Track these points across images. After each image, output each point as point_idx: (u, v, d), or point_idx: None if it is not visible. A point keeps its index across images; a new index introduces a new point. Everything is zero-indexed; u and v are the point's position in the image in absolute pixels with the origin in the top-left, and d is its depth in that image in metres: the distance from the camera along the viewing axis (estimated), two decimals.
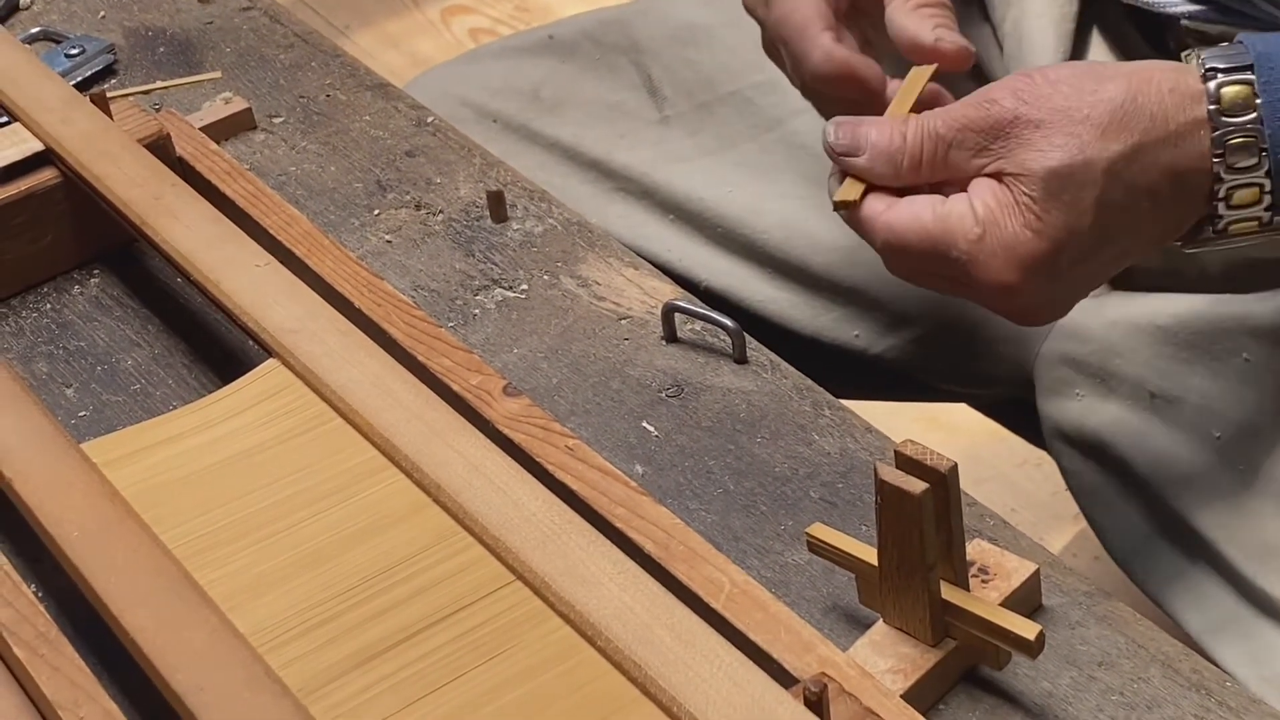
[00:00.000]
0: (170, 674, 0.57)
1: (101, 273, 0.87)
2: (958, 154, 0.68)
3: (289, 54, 1.00)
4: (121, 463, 0.68)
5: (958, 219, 0.67)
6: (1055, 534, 1.54)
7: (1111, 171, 0.65)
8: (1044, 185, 0.66)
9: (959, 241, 0.67)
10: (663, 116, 0.99)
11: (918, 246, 0.68)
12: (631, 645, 0.58)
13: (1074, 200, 0.66)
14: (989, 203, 0.67)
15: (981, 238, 0.67)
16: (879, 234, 0.69)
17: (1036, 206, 0.66)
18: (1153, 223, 0.68)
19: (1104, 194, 0.66)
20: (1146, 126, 0.66)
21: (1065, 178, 0.66)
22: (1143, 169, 0.66)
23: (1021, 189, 0.66)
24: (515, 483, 0.64)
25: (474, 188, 0.89)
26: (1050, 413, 0.87)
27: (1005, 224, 0.66)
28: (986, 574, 0.63)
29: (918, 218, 0.68)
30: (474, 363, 0.71)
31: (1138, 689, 0.62)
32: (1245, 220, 0.68)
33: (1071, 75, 0.67)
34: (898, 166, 0.69)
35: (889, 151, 0.69)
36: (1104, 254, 0.68)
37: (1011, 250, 0.66)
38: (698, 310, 0.78)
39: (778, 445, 0.73)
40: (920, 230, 0.68)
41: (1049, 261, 0.67)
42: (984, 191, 0.67)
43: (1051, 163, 0.66)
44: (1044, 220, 0.66)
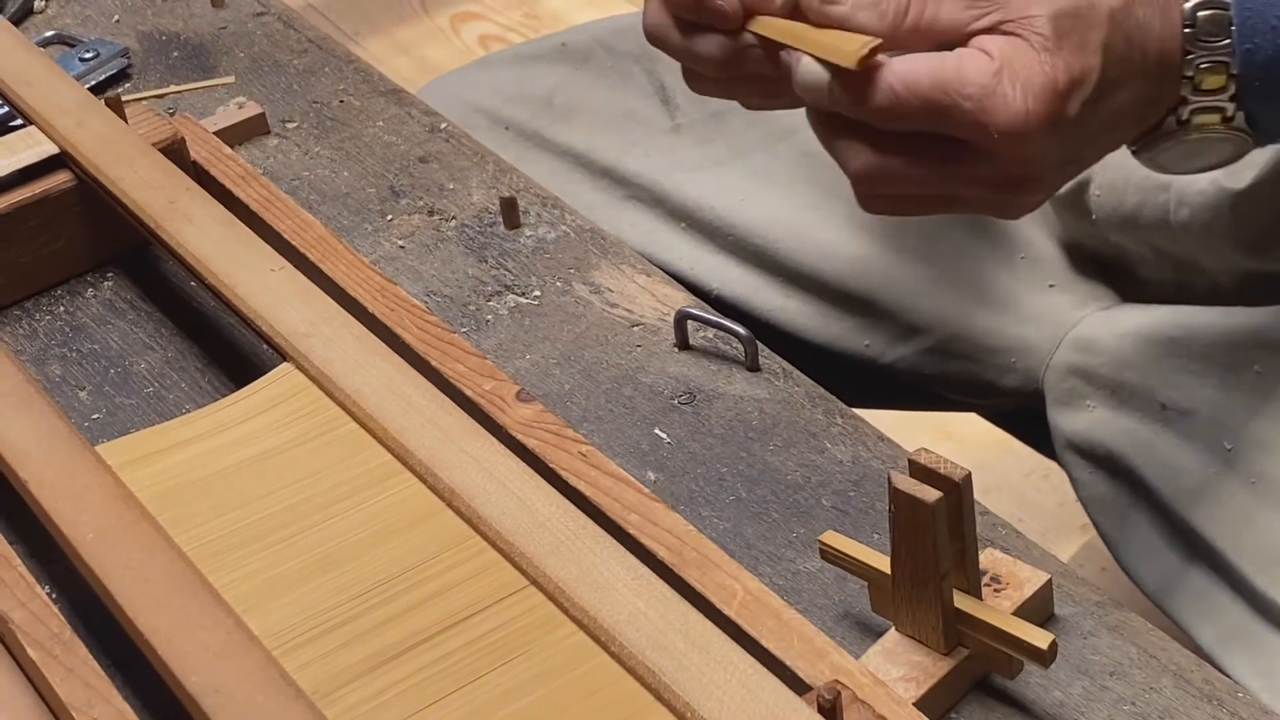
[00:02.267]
0: (185, 676, 0.57)
1: (115, 276, 0.87)
2: (948, 6, 0.65)
3: (302, 59, 1.01)
4: (136, 465, 0.69)
5: (971, 58, 0.64)
6: (1062, 545, 1.55)
7: (1114, 17, 0.64)
8: (1054, 24, 0.63)
9: (975, 78, 0.63)
10: (675, 125, 1.00)
11: (926, 90, 0.63)
12: (645, 651, 0.58)
13: (1083, 40, 0.64)
14: (1001, 45, 0.64)
15: (999, 71, 0.63)
16: (882, 82, 0.64)
17: (1049, 43, 0.63)
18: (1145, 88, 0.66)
19: (1109, 37, 0.64)
20: None
21: (1074, 17, 0.64)
22: (1137, 23, 0.65)
23: (1031, 30, 0.64)
24: (529, 488, 0.65)
25: (487, 194, 0.89)
26: (1061, 424, 0.87)
27: (1022, 60, 0.63)
28: (999, 583, 0.64)
29: (927, 60, 0.64)
30: (487, 368, 0.72)
31: (1150, 699, 0.62)
32: (1209, 109, 0.66)
33: None
34: (883, 14, 0.65)
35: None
36: (1105, 106, 0.66)
37: (1031, 81, 0.63)
38: (710, 318, 0.78)
39: (790, 453, 0.73)
40: (931, 70, 0.63)
41: (1065, 96, 0.64)
42: (991, 40, 0.64)
43: (1059, 5, 0.64)
44: (1057, 55, 0.63)
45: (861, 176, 0.67)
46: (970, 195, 0.68)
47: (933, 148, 0.66)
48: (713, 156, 0.98)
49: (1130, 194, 0.86)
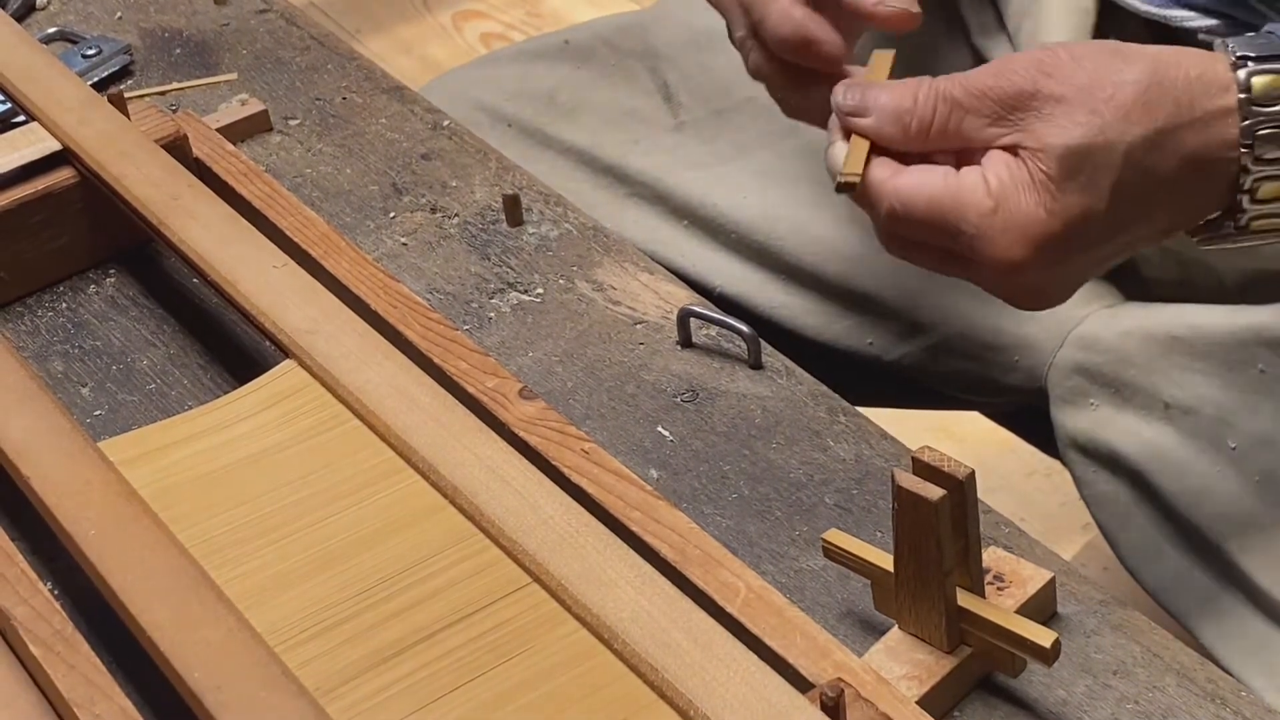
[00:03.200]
0: (187, 672, 0.57)
1: (118, 272, 0.87)
2: (972, 121, 0.65)
3: (305, 56, 1.01)
4: (138, 462, 0.69)
5: (970, 190, 0.64)
6: (1063, 544, 1.54)
7: (1131, 156, 0.63)
8: (1061, 163, 0.63)
9: (970, 214, 0.64)
10: (678, 122, 0.99)
11: (924, 216, 0.65)
12: (648, 648, 0.58)
13: (1090, 182, 0.63)
14: (1002, 176, 0.64)
15: (994, 211, 0.64)
16: (884, 199, 0.66)
17: (1052, 185, 0.63)
18: (1168, 212, 0.66)
19: (1121, 179, 0.64)
20: (1171, 111, 0.64)
21: (1084, 157, 0.63)
22: (1164, 156, 0.64)
23: (1038, 165, 0.64)
24: (532, 485, 0.65)
25: (490, 191, 0.89)
26: (1064, 422, 0.87)
27: (1019, 200, 0.64)
28: (1002, 581, 0.63)
29: (928, 185, 0.65)
30: (490, 365, 0.72)
31: (1153, 698, 0.62)
32: (1269, 216, 0.65)
33: (1096, 52, 0.65)
34: (906, 129, 0.66)
35: (898, 112, 0.66)
36: (1114, 241, 0.66)
37: (1023, 229, 0.63)
38: (713, 315, 0.78)
39: (793, 451, 0.73)
40: (929, 198, 0.65)
41: (1060, 243, 0.64)
42: (998, 165, 0.64)
43: (1071, 140, 0.63)
44: (1059, 200, 0.63)
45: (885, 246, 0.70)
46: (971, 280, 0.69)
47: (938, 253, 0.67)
48: (715, 154, 0.98)
49: None
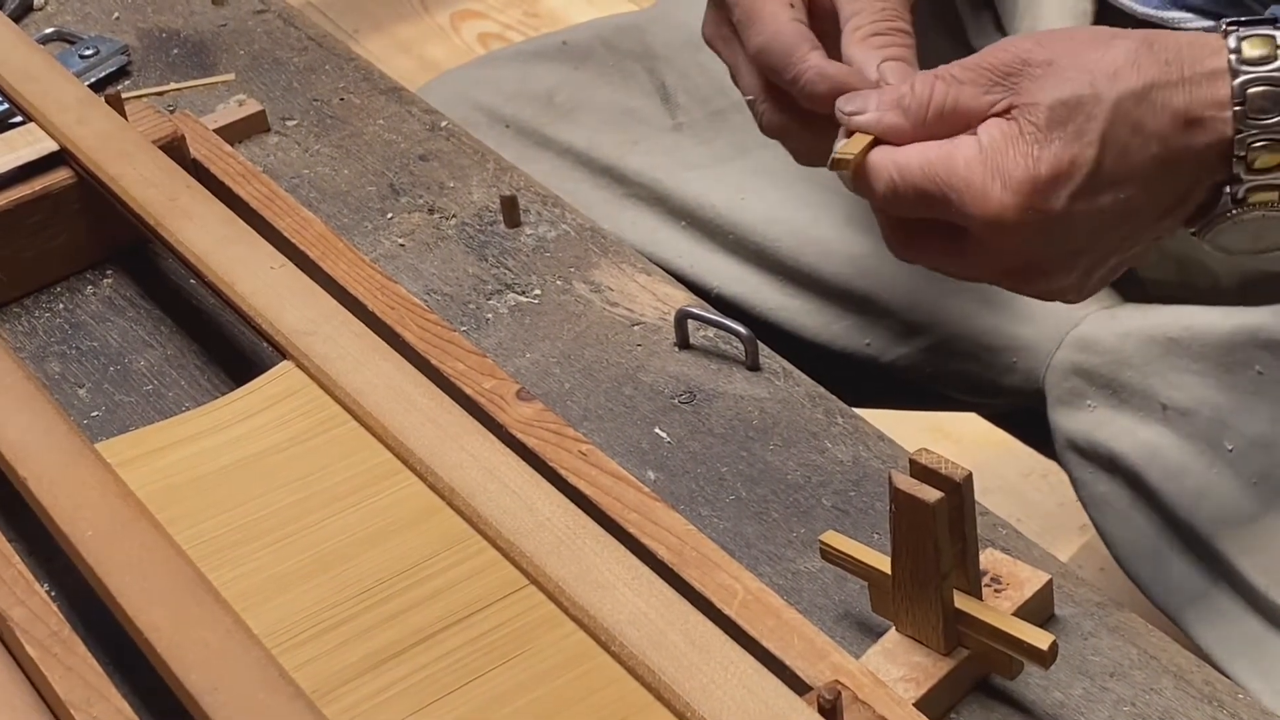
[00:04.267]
0: (184, 674, 0.57)
1: (115, 273, 0.87)
2: (968, 91, 0.66)
3: (302, 57, 1.01)
4: (135, 463, 0.69)
5: (962, 149, 0.65)
6: (1060, 545, 1.55)
7: (1120, 106, 0.63)
8: (1049, 113, 0.64)
9: (958, 168, 0.64)
10: (676, 123, 0.99)
11: (919, 181, 0.65)
12: (645, 650, 0.58)
13: (1078, 130, 0.64)
14: (993, 134, 0.65)
15: (982, 162, 0.64)
16: (881, 174, 0.66)
17: (1039, 133, 0.64)
18: (1163, 178, 0.65)
19: (1110, 128, 0.63)
20: (1160, 70, 0.64)
21: (1072, 107, 0.64)
22: (1153, 110, 0.64)
23: (1026, 118, 0.64)
24: (529, 487, 0.64)
25: (487, 192, 0.89)
26: (1061, 423, 0.87)
27: (1006, 151, 0.64)
28: (999, 584, 0.63)
29: (922, 151, 0.66)
30: (487, 367, 0.72)
31: (1150, 700, 0.62)
32: (1267, 188, 0.65)
33: (1087, 27, 0.67)
34: (906, 110, 0.67)
35: (896, 98, 0.67)
36: (1105, 197, 0.65)
37: (1009, 173, 0.64)
38: (711, 317, 0.78)
39: (790, 452, 0.73)
40: (923, 162, 0.65)
41: (1046, 190, 0.64)
42: (989, 126, 0.65)
43: (1060, 94, 0.64)
44: (1045, 146, 0.64)
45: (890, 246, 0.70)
46: (984, 278, 0.69)
47: (940, 234, 0.67)
48: (713, 155, 0.98)
49: None
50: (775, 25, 0.72)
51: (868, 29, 0.72)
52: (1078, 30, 0.66)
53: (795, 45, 0.71)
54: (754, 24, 0.72)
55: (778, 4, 0.72)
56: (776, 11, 0.72)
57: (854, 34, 0.72)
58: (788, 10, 0.72)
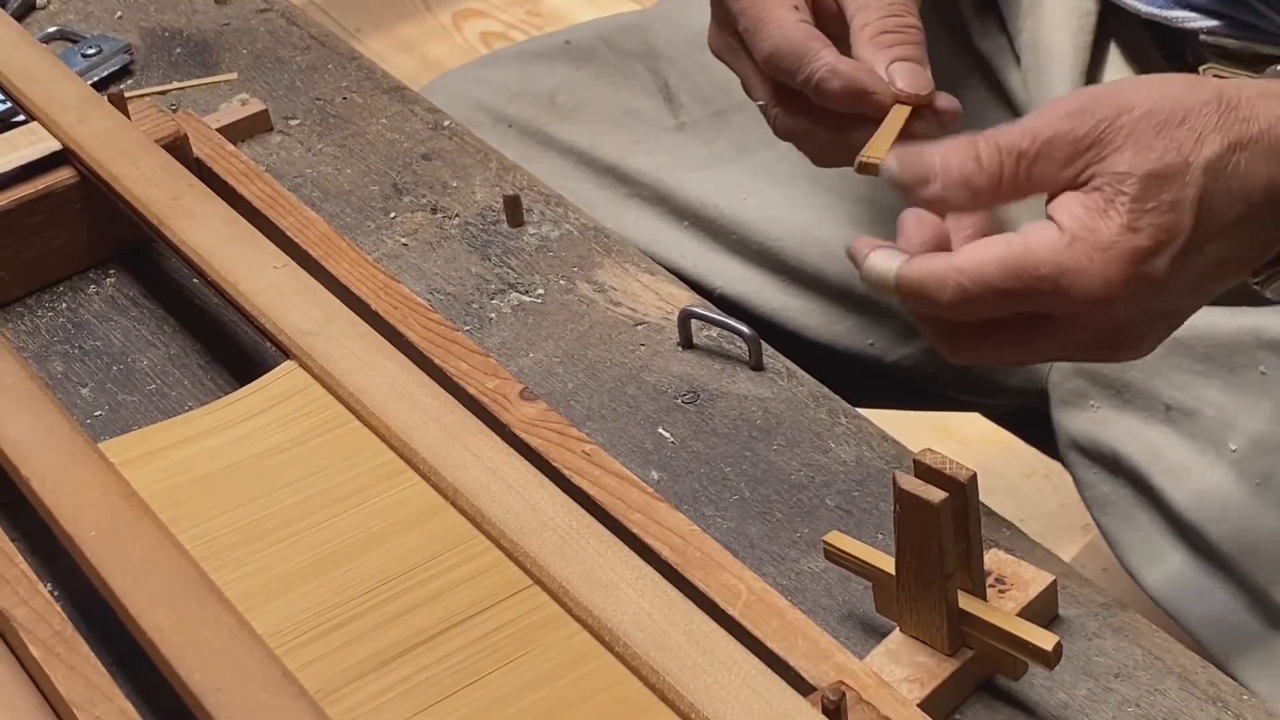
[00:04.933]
0: (187, 674, 0.57)
1: (117, 272, 0.87)
2: (1043, 168, 0.62)
3: (305, 56, 1.01)
4: (138, 463, 0.68)
5: (1037, 237, 0.61)
6: (1062, 545, 1.54)
7: (1210, 171, 0.62)
8: (1142, 185, 0.61)
9: (1045, 256, 0.61)
10: (679, 123, 0.99)
11: (999, 281, 0.61)
12: (649, 651, 0.58)
13: (1174, 200, 0.61)
14: (1075, 211, 0.61)
15: (1072, 243, 0.61)
16: (948, 282, 0.62)
17: (1134, 204, 0.61)
18: (1250, 236, 0.64)
19: (1204, 193, 0.62)
20: (1241, 129, 0.62)
21: (1165, 178, 0.61)
22: (1238, 172, 0.62)
23: (1116, 189, 0.61)
24: (533, 487, 0.64)
25: (490, 192, 0.89)
26: (1065, 423, 0.86)
27: (1099, 226, 0.61)
28: (1003, 584, 0.63)
29: (992, 250, 0.61)
30: (491, 366, 0.71)
31: (1154, 701, 0.62)
32: None
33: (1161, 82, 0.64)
34: (976, 191, 0.62)
35: (964, 176, 0.62)
36: (1201, 260, 0.63)
37: (1109, 250, 0.61)
38: (714, 316, 0.78)
39: (794, 453, 0.73)
40: (999, 262, 0.61)
41: (1149, 261, 0.61)
42: (1067, 203, 0.62)
43: (1151, 165, 0.61)
44: (1143, 218, 0.61)
45: (949, 354, 0.66)
46: (1060, 356, 0.67)
47: (1015, 326, 0.64)
48: (716, 155, 0.98)
49: None
50: (783, 29, 0.71)
51: (875, 26, 0.71)
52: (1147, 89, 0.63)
53: (805, 45, 0.70)
54: (761, 30, 0.72)
55: (783, 8, 0.71)
56: (782, 16, 0.71)
57: (862, 32, 0.71)
58: (793, 13, 0.71)
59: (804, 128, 0.73)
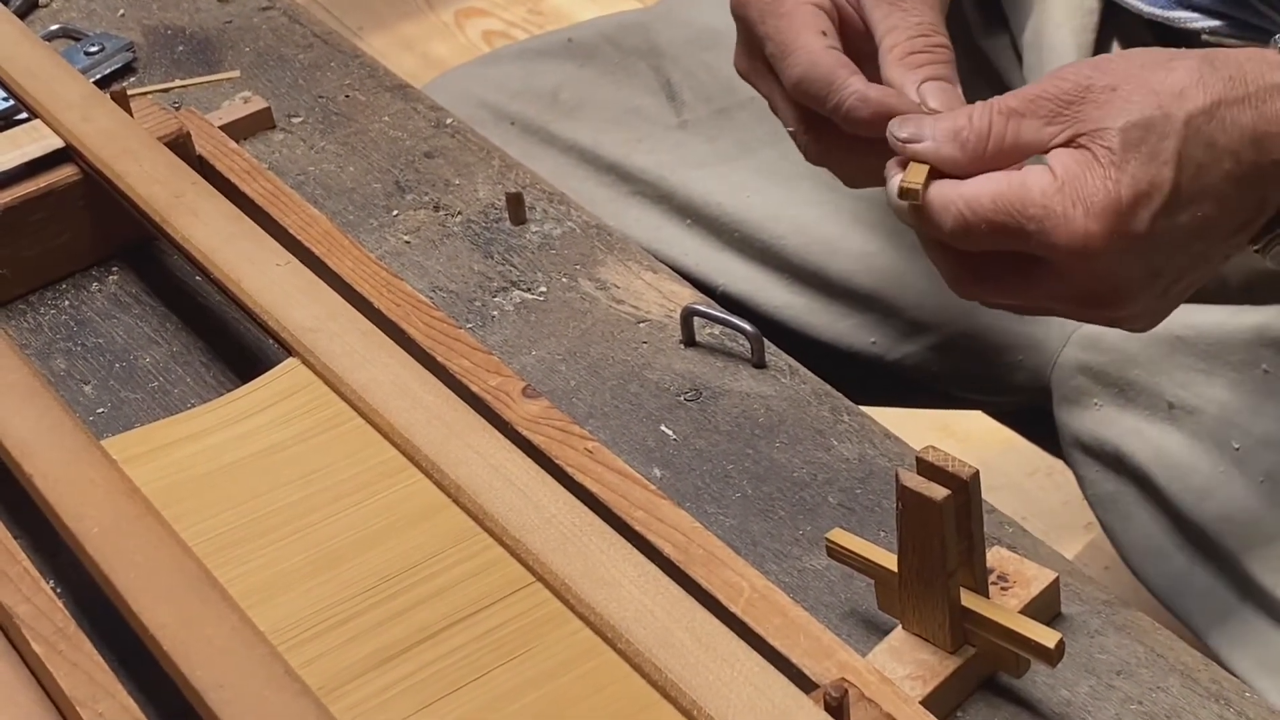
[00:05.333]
0: (190, 671, 0.57)
1: (120, 270, 0.87)
2: (1029, 124, 0.65)
3: (308, 54, 1.01)
4: (141, 460, 0.68)
5: (1035, 177, 0.64)
6: (1065, 543, 1.54)
7: (1191, 124, 0.63)
8: (1122, 136, 0.63)
9: (1035, 198, 0.63)
10: (681, 121, 0.99)
11: (991, 213, 0.64)
12: (652, 648, 0.58)
13: (1154, 151, 0.63)
14: (1065, 162, 0.63)
15: (1060, 190, 0.63)
16: (949, 208, 0.65)
17: (1115, 157, 0.63)
18: (1237, 194, 0.65)
19: (1184, 146, 0.63)
20: (1225, 87, 0.63)
21: (1144, 128, 0.63)
22: (1222, 127, 0.63)
23: (1099, 144, 0.63)
24: (535, 484, 0.64)
25: (493, 189, 0.89)
26: (1068, 422, 0.86)
27: (1084, 177, 0.63)
28: (1006, 581, 0.63)
29: (992, 182, 0.64)
30: (493, 364, 0.71)
31: (1156, 698, 0.62)
32: None
33: (1143, 50, 0.65)
34: (964, 144, 0.65)
35: (954, 129, 0.65)
36: (1184, 216, 0.64)
37: (1091, 199, 0.63)
38: (717, 314, 0.78)
39: (796, 450, 0.73)
40: (994, 194, 0.64)
41: (1129, 212, 0.63)
42: (1060, 155, 0.64)
43: (1131, 116, 0.63)
44: (1123, 170, 0.63)
45: (953, 286, 0.68)
46: (1057, 309, 0.68)
47: (1012, 266, 0.66)
48: (719, 153, 0.98)
49: None
50: (811, 55, 0.70)
51: (904, 47, 0.71)
52: (1134, 54, 0.65)
53: (833, 72, 0.70)
54: (789, 56, 0.71)
55: (811, 33, 0.71)
56: (810, 41, 0.71)
57: (890, 53, 0.71)
58: (821, 39, 0.71)
59: (835, 153, 0.73)
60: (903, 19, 0.71)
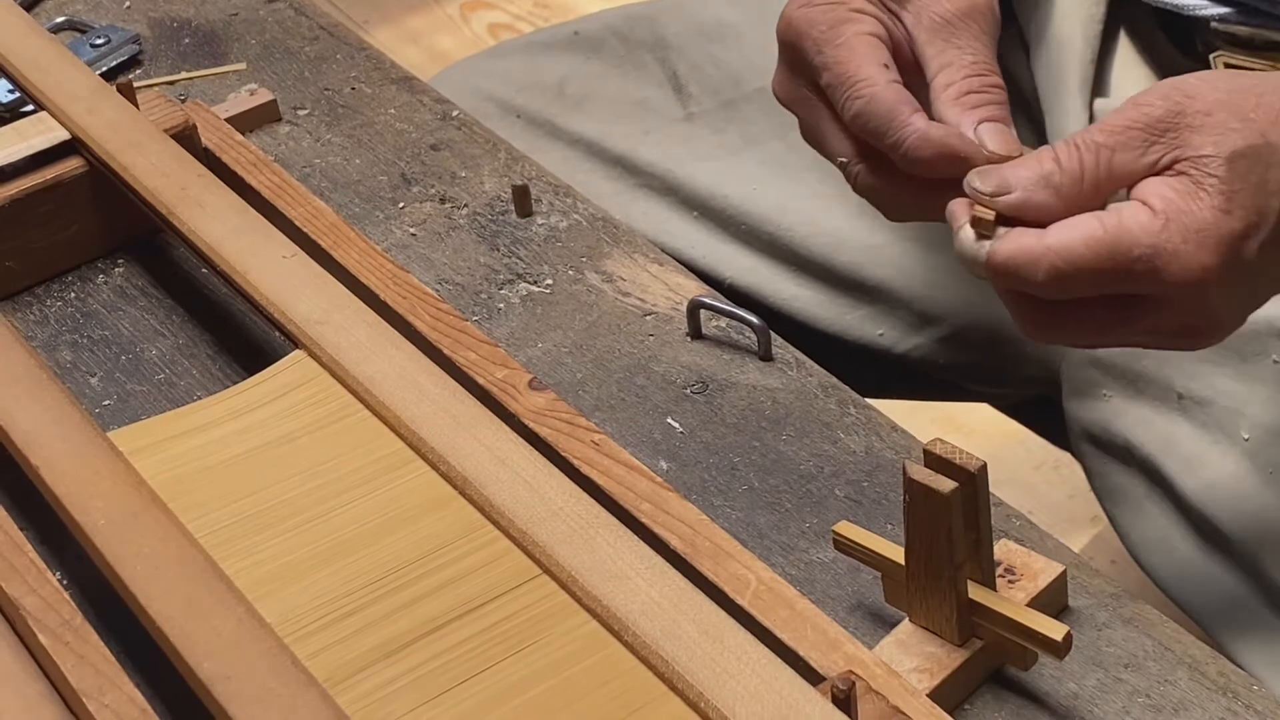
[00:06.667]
0: (196, 663, 0.57)
1: (126, 262, 0.87)
2: (1123, 156, 0.62)
3: (314, 46, 1.00)
4: (148, 452, 0.68)
5: (1132, 218, 0.61)
6: (1071, 537, 1.54)
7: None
8: (1229, 166, 0.61)
9: (1140, 238, 0.60)
10: (688, 114, 0.99)
11: (1091, 261, 0.61)
12: (659, 640, 0.58)
13: (1261, 181, 0.61)
14: (1166, 194, 0.61)
15: (1166, 225, 0.60)
16: (1041, 261, 0.61)
17: (1224, 185, 0.61)
18: None
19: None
20: None
21: (1251, 158, 0.61)
22: None
23: (1204, 171, 0.61)
24: (542, 477, 0.64)
25: (499, 182, 0.89)
26: (1077, 413, 0.86)
27: (1191, 208, 0.61)
28: (1013, 574, 0.63)
29: (1082, 228, 0.61)
30: (499, 356, 0.71)
31: (1164, 691, 0.62)
32: None
33: (1225, 73, 0.64)
34: (1057, 189, 0.62)
35: (1044, 176, 0.62)
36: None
37: (1203, 232, 0.60)
38: (723, 307, 0.78)
39: (803, 443, 0.73)
40: (1089, 240, 0.61)
41: (1242, 244, 0.61)
42: (1156, 186, 0.62)
43: (1235, 144, 0.61)
44: (1233, 200, 0.61)
45: (1032, 333, 0.66)
46: (1149, 342, 0.66)
47: (1103, 306, 0.64)
48: (725, 145, 0.98)
49: None
50: (873, 89, 0.68)
51: (959, 86, 0.69)
52: (1213, 77, 0.63)
53: (895, 109, 0.68)
54: (849, 87, 0.69)
55: (873, 66, 0.69)
56: (873, 75, 0.69)
57: (945, 91, 0.69)
58: (884, 72, 0.69)
59: (887, 188, 0.71)
60: (957, 56, 0.70)
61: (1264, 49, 0.81)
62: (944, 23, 0.71)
